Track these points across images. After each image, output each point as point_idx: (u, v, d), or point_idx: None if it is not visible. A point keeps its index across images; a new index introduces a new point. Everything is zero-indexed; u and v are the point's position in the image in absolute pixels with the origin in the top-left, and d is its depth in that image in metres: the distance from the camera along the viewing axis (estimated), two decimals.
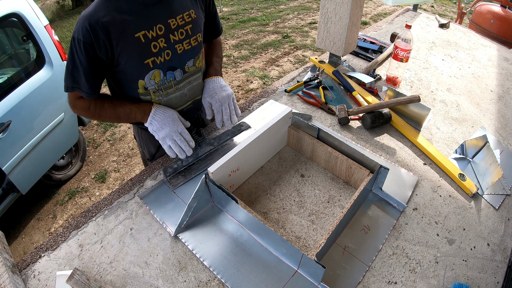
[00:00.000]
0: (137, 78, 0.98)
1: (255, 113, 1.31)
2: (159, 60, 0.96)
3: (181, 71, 1.04)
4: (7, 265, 0.80)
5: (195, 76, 1.09)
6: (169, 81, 1.03)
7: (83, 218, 0.95)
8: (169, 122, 0.99)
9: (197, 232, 0.89)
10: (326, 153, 1.02)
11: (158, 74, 0.99)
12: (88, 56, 0.88)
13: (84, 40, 0.86)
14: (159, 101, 1.05)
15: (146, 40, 0.92)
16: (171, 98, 1.07)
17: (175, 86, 1.05)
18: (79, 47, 0.87)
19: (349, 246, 0.86)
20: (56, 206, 2.64)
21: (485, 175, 1.05)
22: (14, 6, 2.14)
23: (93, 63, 0.90)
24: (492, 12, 3.06)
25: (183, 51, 1.01)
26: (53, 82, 2.32)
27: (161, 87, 1.02)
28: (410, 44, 1.36)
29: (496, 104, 1.42)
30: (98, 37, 0.86)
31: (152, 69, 0.97)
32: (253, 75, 3.97)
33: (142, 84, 0.99)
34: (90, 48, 0.87)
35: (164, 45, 0.96)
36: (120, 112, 1.01)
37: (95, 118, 1.03)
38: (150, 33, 0.92)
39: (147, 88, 1.01)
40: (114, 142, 3.21)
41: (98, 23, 0.85)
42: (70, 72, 0.92)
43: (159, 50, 0.95)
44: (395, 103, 1.21)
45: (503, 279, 0.83)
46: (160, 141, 0.99)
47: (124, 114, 1.01)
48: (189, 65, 1.05)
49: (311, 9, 6.03)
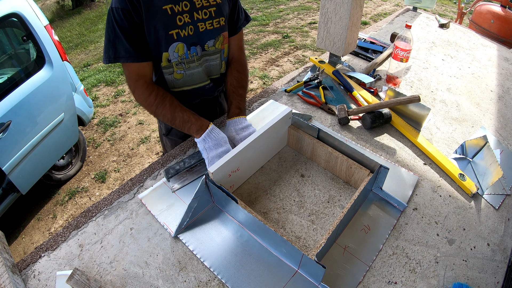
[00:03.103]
0: (162, 50, 1.02)
1: (255, 113, 1.31)
2: (183, 34, 1.01)
3: (200, 48, 1.08)
4: (7, 265, 0.80)
5: (213, 56, 1.14)
6: (192, 56, 1.08)
7: (83, 218, 0.95)
8: (222, 144, 1.01)
9: (197, 232, 0.89)
10: (326, 153, 1.02)
11: (182, 47, 1.04)
12: (128, 22, 0.94)
13: (121, 7, 0.92)
14: (180, 74, 1.09)
15: (172, 13, 0.98)
16: (193, 73, 1.12)
17: (198, 62, 1.10)
18: (118, 15, 0.93)
19: (350, 246, 0.86)
20: (56, 206, 2.64)
21: (485, 175, 1.05)
22: (14, 6, 2.14)
23: (134, 27, 0.95)
24: (492, 12, 3.06)
25: (205, 30, 1.06)
26: (53, 82, 2.32)
27: (183, 60, 1.07)
28: (410, 44, 1.36)
29: (496, 104, 1.42)
30: (132, 3, 0.92)
31: (176, 41, 1.01)
32: (253, 75, 3.97)
33: (166, 56, 1.03)
34: (128, 14, 0.93)
35: (189, 21, 1.01)
36: (178, 116, 1.03)
37: (152, 109, 1.04)
38: (176, 7, 0.98)
39: (170, 60, 1.05)
40: (114, 142, 3.21)
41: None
42: (111, 42, 0.96)
43: (184, 24, 1.01)
44: (395, 103, 1.21)
45: (503, 279, 0.83)
46: (207, 159, 0.99)
47: (181, 120, 1.03)
48: (209, 45, 1.10)
49: (311, 9, 6.03)
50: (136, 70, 1.02)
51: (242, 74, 1.21)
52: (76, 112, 2.60)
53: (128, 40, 0.96)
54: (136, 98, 1.05)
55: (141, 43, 0.99)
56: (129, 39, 0.96)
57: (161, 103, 1.03)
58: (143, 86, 1.02)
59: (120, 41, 0.95)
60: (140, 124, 3.38)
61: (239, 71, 1.21)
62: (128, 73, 1.03)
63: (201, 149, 1.02)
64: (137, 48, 0.98)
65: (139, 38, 0.97)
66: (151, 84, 1.04)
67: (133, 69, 1.01)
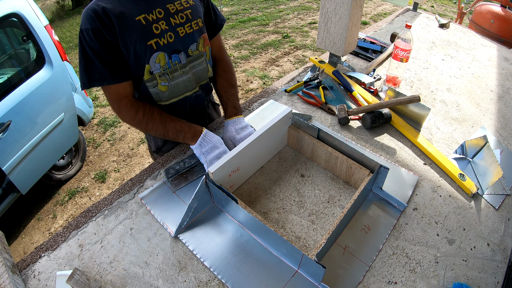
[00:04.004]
0: (143, 63, 0.97)
1: (255, 113, 1.31)
2: (162, 42, 0.97)
3: (184, 54, 1.04)
4: (7, 265, 0.80)
5: (198, 60, 1.10)
6: (175, 65, 1.03)
7: (83, 218, 0.95)
8: (218, 145, 1.00)
9: (197, 233, 0.89)
10: (326, 153, 1.02)
11: (163, 56, 0.99)
12: (100, 42, 0.89)
13: (91, 27, 0.87)
14: (165, 86, 1.05)
15: (146, 22, 0.94)
16: (178, 82, 1.07)
17: (181, 70, 1.05)
18: (88, 36, 0.88)
19: (350, 246, 0.86)
20: (56, 206, 2.64)
21: (485, 175, 1.05)
22: (14, 6, 2.14)
23: (106, 47, 0.90)
24: (492, 12, 3.06)
25: (185, 34, 1.02)
26: (53, 82, 2.32)
27: (166, 70, 1.02)
28: (410, 44, 1.36)
29: (496, 104, 1.42)
30: (103, 21, 0.88)
31: (156, 51, 0.97)
32: (253, 75, 3.97)
33: (147, 69, 0.99)
34: (99, 33, 0.88)
35: (166, 28, 0.97)
36: (170, 127, 1.00)
37: (142, 126, 1.00)
38: (150, 16, 0.94)
39: (153, 72, 1.00)
40: (114, 142, 3.21)
41: (99, 9, 0.88)
42: (83, 67, 0.91)
43: (161, 32, 0.96)
44: (395, 103, 1.21)
45: (503, 279, 0.83)
46: (206, 163, 0.99)
47: (174, 131, 1.00)
48: (192, 49, 1.06)
49: (311, 9, 6.03)
50: (116, 91, 0.97)
51: (229, 73, 1.21)
52: (76, 112, 2.60)
53: (101, 61, 0.91)
54: (123, 118, 0.99)
55: (116, 63, 0.93)
56: (102, 61, 0.91)
57: (150, 118, 0.99)
58: (128, 105, 0.98)
59: (93, 64, 0.90)
60: None
61: (226, 71, 1.20)
62: (108, 95, 0.98)
63: (198, 154, 1.01)
64: (112, 68, 0.93)
65: (113, 58, 0.92)
66: (135, 101, 1.00)
67: (113, 90, 0.97)
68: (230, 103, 1.14)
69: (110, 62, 0.92)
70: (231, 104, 1.13)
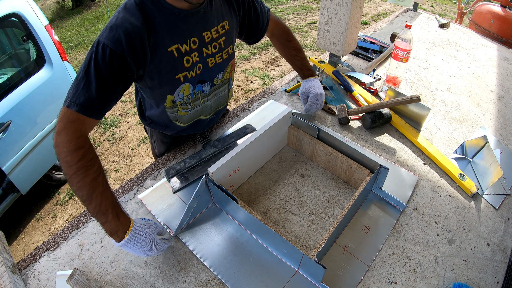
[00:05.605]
0: (166, 94, 0.93)
1: (255, 113, 1.31)
2: (190, 75, 0.92)
3: (209, 84, 1.00)
4: (7, 265, 0.80)
5: (221, 88, 1.08)
6: (197, 94, 0.99)
7: (83, 218, 0.95)
8: (147, 243, 0.77)
9: (197, 232, 0.89)
10: (326, 153, 1.02)
11: (188, 87, 0.95)
12: (111, 66, 0.75)
13: (113, 47, 0.74)
14: (185, 113, 1.02)
15: (179, 55, 0.86)
16: (197, 110, 1.04)
17: (202, 99, 1.03)
18: (103, 54, 0.74)
19: (349, 246, 0.86)
20: (56, 206, 2.64)
21: (485, 175, 1.05)
22: (14, 6, 2.14)
23: (115, 75, 0.77)
24: (492, 12, 3.06)
25: (214, 64, 0.97)
26: (53, 82, 2.32)
27: (189, 100, 0.98)
28: (410, 44, 1.36)
29: (496, 104, 1.42)
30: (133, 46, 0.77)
31: (182, 83, 0.92)
32: (253, 75, 3.97)
33: (170, 98, 0.95)
34: (117, 58, 0.76)
35: (197, 59, 0.91)
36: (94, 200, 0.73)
37: (67, 170, 0.73)
38: (183, 47, 0.87)
39: (175, 101, 0.96)
40: (114, 142, 3.21)
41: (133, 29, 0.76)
42: (78, 82, 0.76)
43: (192, 65, 0.91)
44: (395, 103, 1.21)
45: (503, 279, 0.83)
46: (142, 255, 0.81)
47: (96, 207, 0.73)
48: (218, 78, 1.02)
49: (311, 9, 6.03)
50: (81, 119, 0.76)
51: (293, 41, 1.25)
52: None
53: (98, 87, 0.75)
54: (56, 143, 0.74)
55: (108, 96, 0.79)
56: (99, 86, 0.75)
57: (83, 170, 0.72)
58: (73, 134, 0.74)
59: (89, 86, 0.75)
60: (140, 124, 3.38)
61: (289, 40, 1.24)
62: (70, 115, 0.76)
63: (128, 250, 0.79)
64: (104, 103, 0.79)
65: (111, 89, 0.78)
66: (84, 139, 0.76)
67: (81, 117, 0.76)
68: (304, 67, 1.25)
69: (106, 92, 0.78)
70: (305, 67, 1.25)
